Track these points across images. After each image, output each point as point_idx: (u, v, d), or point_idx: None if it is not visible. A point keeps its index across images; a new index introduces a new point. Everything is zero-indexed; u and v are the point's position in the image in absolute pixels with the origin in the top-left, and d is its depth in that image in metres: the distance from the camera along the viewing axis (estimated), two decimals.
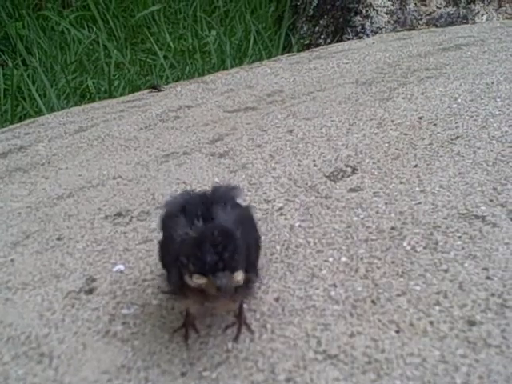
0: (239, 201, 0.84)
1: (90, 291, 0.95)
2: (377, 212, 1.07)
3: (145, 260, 1.02)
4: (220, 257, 0.69)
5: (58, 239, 1.13)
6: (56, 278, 1.00)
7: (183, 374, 0.77)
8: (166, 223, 0.82)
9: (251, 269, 0.75)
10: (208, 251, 0.69)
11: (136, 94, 2.02)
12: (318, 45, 2.38)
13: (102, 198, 1.27)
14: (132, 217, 1.17)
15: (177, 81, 2.56)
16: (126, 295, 0.93)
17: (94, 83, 2.53)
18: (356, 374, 0.74)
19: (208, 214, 0.76)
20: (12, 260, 1.08)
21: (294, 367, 0.76)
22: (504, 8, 2.25)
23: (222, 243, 0.69)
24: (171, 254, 0.75)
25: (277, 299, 0.88)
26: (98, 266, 1.02)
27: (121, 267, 1.01)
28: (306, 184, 1.20)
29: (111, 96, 2.42)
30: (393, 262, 0.93)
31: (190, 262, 0.70)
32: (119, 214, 1.19)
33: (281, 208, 1.12)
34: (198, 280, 0.70)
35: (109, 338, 0.85)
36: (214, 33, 2.95)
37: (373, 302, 0.85)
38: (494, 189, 1.09)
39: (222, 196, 0.81)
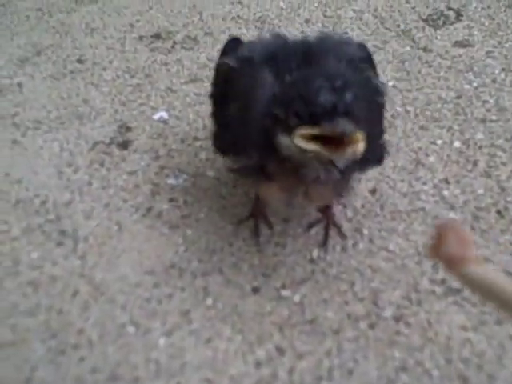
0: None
1: (124, 145, 0.73)
2: (494, 81, 0.82)
3: (194, 108, 0.78)
4: (340, 97, 0.44)
5: (79, 61, 0.88)
6: (78, 118, 0.77)
7: (255, 291, 0.57)
8: (241, 73, 0.54)
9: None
10: (322, 87, 0.44)
11: None
12: None
13: (133, 9, 1.00)
14: (175, 42, 0.91)
15: None
16: (171, 157, 0.71)
17: None
18: (489, 323, 0.55)
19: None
20: (19, 84, 0.84)
21: (404, 300, 0.56)
22: None
23: (342, 81, 0.45)
24: (247, 117, 0.51)
25: (373, 191, 0.67)
26: (132, 108, 0.79)
27: (163, 115, 0.77)
28: (398, 27, 0.94)
29: None
30: None
31: (290, 112, 0.45)
32: (158, 36, 0.92)
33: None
34: (304, 134, 0.44)
35: (151, 220, 0.64)
36: None
37: (499, 213, 0.65)
38: None
39: (334, 49, 0.56)
